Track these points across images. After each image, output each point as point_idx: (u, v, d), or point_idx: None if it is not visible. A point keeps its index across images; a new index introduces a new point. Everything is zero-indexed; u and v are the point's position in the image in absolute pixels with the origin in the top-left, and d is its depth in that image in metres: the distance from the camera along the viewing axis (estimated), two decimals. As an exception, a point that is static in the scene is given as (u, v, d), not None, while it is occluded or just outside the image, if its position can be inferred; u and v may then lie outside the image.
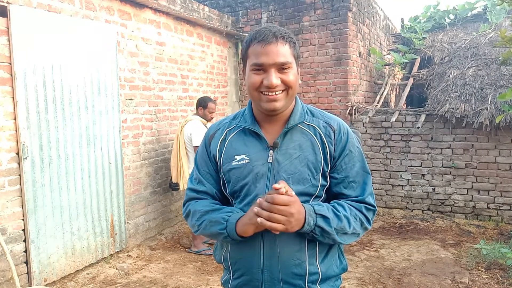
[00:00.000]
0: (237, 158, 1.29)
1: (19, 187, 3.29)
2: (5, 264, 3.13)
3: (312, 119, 1.32)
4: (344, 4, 5.74)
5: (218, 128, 1.39)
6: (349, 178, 1.29)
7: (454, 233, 4.79)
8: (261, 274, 1.25)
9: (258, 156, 1.28)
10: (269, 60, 1.19)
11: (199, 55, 5.61)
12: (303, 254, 1.25)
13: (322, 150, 1.27)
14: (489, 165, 5.04)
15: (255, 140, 1.30)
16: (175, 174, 4.41)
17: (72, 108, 3.68)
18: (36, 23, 3.34)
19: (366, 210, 1.29)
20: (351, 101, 5.88)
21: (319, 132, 1.29)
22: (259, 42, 1.20)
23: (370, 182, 1.34)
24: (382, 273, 3.74)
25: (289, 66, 1.21)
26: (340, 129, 1.30)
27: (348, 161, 1.29)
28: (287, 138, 1.28)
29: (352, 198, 1.29)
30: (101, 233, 4.01)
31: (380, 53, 6.82)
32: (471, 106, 4.98)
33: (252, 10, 6.42)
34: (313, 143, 1.28)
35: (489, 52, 5.62)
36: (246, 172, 1.28)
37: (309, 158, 1.26)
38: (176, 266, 4.01)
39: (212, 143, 1.38)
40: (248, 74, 1.25)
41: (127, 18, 4.33)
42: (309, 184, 1.25)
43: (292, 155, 1.26)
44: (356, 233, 1.27)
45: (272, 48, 1.19)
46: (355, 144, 1.32)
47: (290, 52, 1.22)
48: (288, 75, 1.21)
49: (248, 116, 1.33)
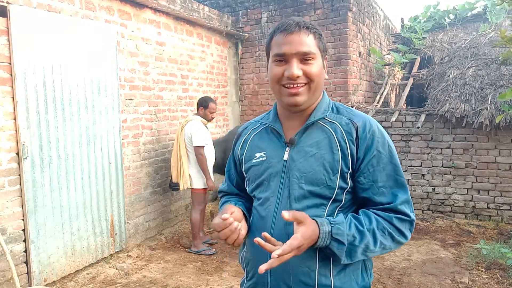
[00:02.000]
0: (257, 156, 1.27)
1: (19, 187, 3.29)
2: (5, 264, 3.13)
3: (335, 116, 1.22)
4: (344, 4, 5.74)
5: (246, 127, 1.40)
6: (378, 182, 1.15)
7: (454, 233, 4.79)
8: (267, 278, 1.19)
9: (275, 153, 1.23)
10: (291, 50, 1.13)
11: (199, 55, 5.61)
12: (313, 263, 1.14)
13: (341, 149, 1.16)
14: (489, 165, 5.04)
15: (275, 137, 1.27)
16: (175, 174, 4.41)
17: (72, 108, 3.68)
18: (36, 23, 3.34)
19: (399, 221, 1.13)
20: (351, 101, 5.87)
21: (340, 130, 1.18)
22: (282, 31, 1.16)
23: (406, 188, 1.18)
24: (382, 273, 3.74)
25: (312, 57, 1.15)
26: (364, 126, 1.17)
27: (377, 164, 1.15)
28: (306, 135, 1.21)
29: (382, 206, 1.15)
30: (101, 233, 4.01)
31: (380, 53, 6.82)
32: (471, 106, 4.98)
33: (252, 10, 6.42)
34: (332, 141, 1.17)
35: (489, 52, 5.62)
36: (262, 169, 1.24)
37: (326, 157, 1.16)
38: (176, 266, 4.01)
39: (237, 142, 1.40)
40: (269, 67, 1.20)
41: (127, 18, 4.33)
42: (324, 185, 1.14)
43: (308, 152, 1.18)
44: (385, 249, 1.14)
45: (295, 37, 1.13)
46: (386, 144, 1.18)
47: (315, 43, 1.16)
48: (311, 66, 1.14)
49: (272, 114, 1.30)
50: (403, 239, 1.15)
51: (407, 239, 1.16)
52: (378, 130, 1.19)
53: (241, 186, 1.41)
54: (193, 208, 4.37)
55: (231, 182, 1.45)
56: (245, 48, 6.59)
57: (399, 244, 1.15)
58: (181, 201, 5.31)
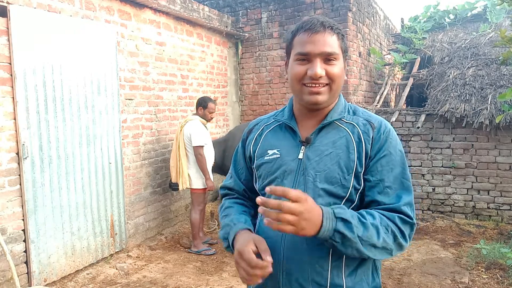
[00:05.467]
0: (269, 153, 1.25)
1: (19, 187, 3.29)
2: (5, 264, 3.13)
3: (352, 118, 1.22)
4: (344, 4, 5.74)
5: (257, 123, 1.37)
6: (385, 182, 1.15)
7: (454, 233, 4.79)
8: (279, 277, 1.17)
9: (290, 151, 1.22)
10: (315, 49, 1.13)
11: (199, 55, 5.61)
12: (326, 262, 1.13)
13: (357, 149, 1.16)
14: (489, 165, 5.04)
15: (289, 135, 1.25)
16: (174, 174, 4.41)
17: (72, 108, 3.68)
18: (36, 23, 3.34)
19: (401, 222, 1.11)
20: (351, 101, 5.87)
21: (357, 130, 1.19)
22: (306, 31, 1.15)
23: (411, 192, 1.17)
24: (382, 273, 3.74)
25: (335, 58, 1.14)
26: (380, 127, 1.19)
27: (386, 164, 1.16)
28: (321, 135, 1.20)
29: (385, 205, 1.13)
30: (101, 233, 4.01)
31: (380, 53, 6.82)
32: (471, 106, 4.98)
33: (252, 10, 6.42)
34: (349, 141, 1.17)
35: (489, 52, 5.62)
36: (275, 167, 1.22)
37: (341, 156, 1.16)
38: (176, 266, 4.01)
39: (249, 138, 1.36)
40: (291, 65, 1.19)
41: (127, 18, 4.33)
42: (339, 184, 1.14)
43: (323, 152, 1.17)
44: (387, 248, 1.09)
45: (319, 37, 1.13)
46: (397, 147, 1.19)
47: (338, 44, 1.16)
48: (334, 67, 1.14)
49: (287, 111, 1.29)
50: (404, 242, 1.12)
51: (407, 243, 1.13)
52: (392, 133, 1.20)
53: (249, 182, 1.37)
54: (193, 208, 4.37)
55: (239, 177, 1.40)
56: (245, 48, 6.59)
57: (399, 247, 1.12)
58: (181, 201, 5.31)
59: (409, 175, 1.19)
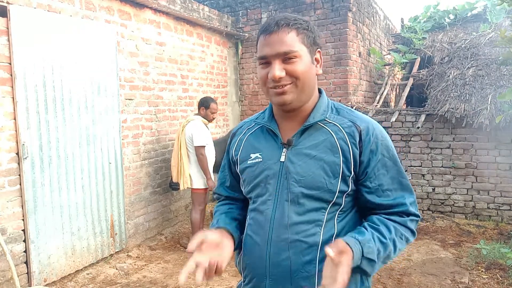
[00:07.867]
0: (252, 157, 1.23)
1: (19, 187, 3.29)
2: (5, 264, 3.13)
3: (336, 117, 1.19)
4: (344, 4, 5.74)
5: (240, 126, 1.36)
6: (384, 186, 1.15)
7: (454, 233, 4.79)
8: (265, 282, 1.17)
9: (272, 154, 1.19)
10: (271, 51, 1.10)
11: (199, 55, 5.61)
12: (313, 267, 1.12)
13: (342, 152, 1.13)
14: (489, 165, 5.04)
15: (271, 138, 1.23)
16: (175, 174, 4.41)
17: (72, 108, 3.68)
18: (36, 23, 3.34)
19: (411, 223, 1.16)
20: (351, 101, 5.87)
21: (341, 132, 1.15)
22: (262, 33, 1.14)
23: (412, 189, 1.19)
24: (382, 273, 3.74)
25: (295, 55, 1.10)
26: (368, 130, 1.15)
27: (381, 167, 1.15)
28: (304, 137, 1.17)
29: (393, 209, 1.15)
30: (101, 233, 4.01)
31: (380, 53, 6.82)
32: (471, 106, 4.98)
33: (252, 10, 6.42)
34: (332, 143, 1.14)
35: (489, 52, 5.62)
36: (258, 171, 1.20)
37: (326, 160, 1.13)
38: (176, 266, 4.01)
39: (232, 142, 1.35)
40: (258, 70, 1.19)
41: (127, 18, 4.33)
42: (325, 189, 1.12)
43: (307, 155, 1.14)
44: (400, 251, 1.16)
45: (274, 38, 1.10)
46: (389, 148, 1.17)
47: (298, 40, 1.11)
48: (294, 65, 1.10)
49: (267, 113, 1.27)
50: (412, 238, 1.18)
51: (415, 236, 1.19)
52: (381, 133, 1.17)
53: (236, 187, 1.36)
54: (193, 208, 4.37)
55: (225, 184, 1.40)
56: (245, 48, 6.59)
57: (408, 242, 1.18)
58: (181, 201, 5.31)
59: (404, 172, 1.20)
